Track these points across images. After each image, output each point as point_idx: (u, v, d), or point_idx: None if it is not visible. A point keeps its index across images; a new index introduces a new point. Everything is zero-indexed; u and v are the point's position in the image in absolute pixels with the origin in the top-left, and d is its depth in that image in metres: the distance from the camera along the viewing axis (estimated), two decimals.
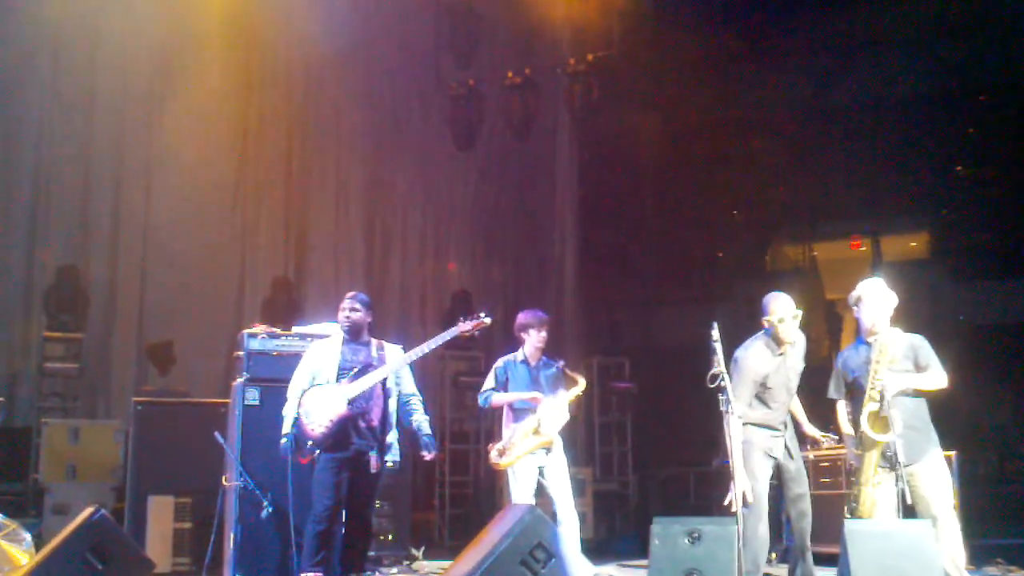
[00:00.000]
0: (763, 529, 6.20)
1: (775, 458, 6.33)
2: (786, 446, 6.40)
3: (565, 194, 14.40)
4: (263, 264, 12.09)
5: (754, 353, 6.42)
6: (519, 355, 7.43)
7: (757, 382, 6.37)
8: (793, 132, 12.93)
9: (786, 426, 6.48)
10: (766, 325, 6.43)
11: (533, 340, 7.38)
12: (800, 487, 6.37)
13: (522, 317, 7.50)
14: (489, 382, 7.40)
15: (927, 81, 12.15)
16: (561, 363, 7.47)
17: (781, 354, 6.42)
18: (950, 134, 12.16)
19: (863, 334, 6.19)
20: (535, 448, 7.18)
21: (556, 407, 7.26)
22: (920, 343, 6.10)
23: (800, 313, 6.41)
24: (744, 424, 6.15)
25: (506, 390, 7.34)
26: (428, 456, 6.57)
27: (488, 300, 12.68)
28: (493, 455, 7.27)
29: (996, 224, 11.75)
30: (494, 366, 7.48)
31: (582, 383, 7.41)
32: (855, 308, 6.20)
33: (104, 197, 11.24)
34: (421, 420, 6.60)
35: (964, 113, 12.24)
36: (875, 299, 6.11)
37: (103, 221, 11.19)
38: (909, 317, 6.25)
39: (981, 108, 12.20)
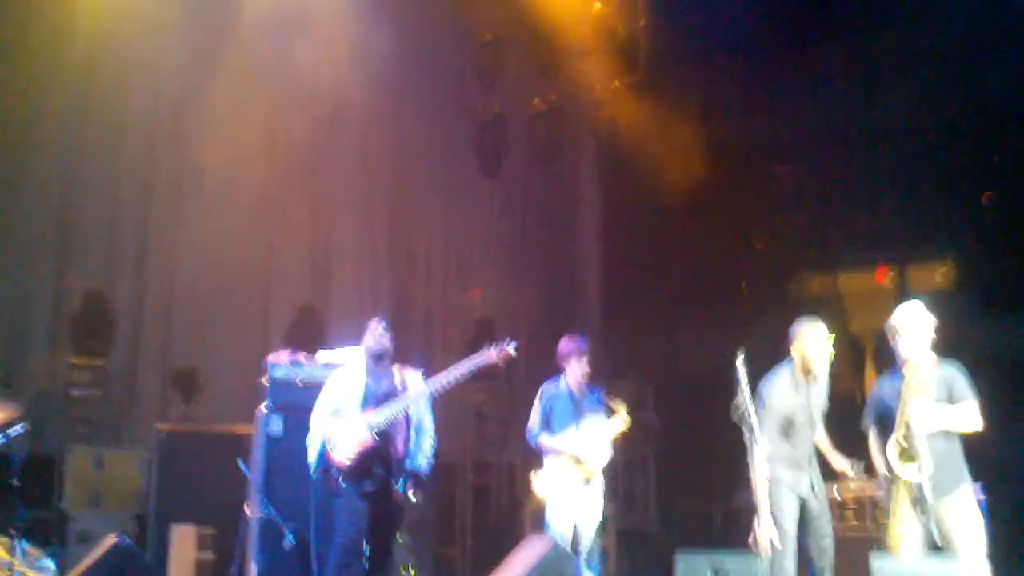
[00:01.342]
0: (790, 566, 6.13)
1: (800, 493, 6.27)
2: (811, 482, 6.34)
3: (589, 221, 14.38)
4: (287, 291, 12.12)
5: (778, 387, 6.36)
6: (561, 384, 7.42)
7: (781, 416, 6.31)
8: (817, 160, 12.86)
9: (811, 462, 6.41)
10: (793, 354, 6.36)
11: (575, 370, 7.37)
12: (823, 526, 6.29)
13: (563, 345, 7.48)
14: (535, 417, 7.40)
15: (953, 109, 12.04)
16: (602, 391, 7.45)
17: (805, 388, 6.36)
18: (977, 163, 12.04)
19: (898, 363, 6.10)
20: (576, 479, 7.17)
21: (599, 437, 7.24)
22: (955, 374, 5.97)
23: (832, 349, 6.33)
24: (770, 459, 6.09)
25: (550, 422, 7.32)
26: (409, 495, 6.44)
27: (512, 327, 12.64)
28: (535, 484, 7.26)
29: None
30: (538, 397, 7.46)
31: (623, 414, 7.38)
32: (891, 338, 6.11)
33: (130, 224, 11.32)
34: (418, 452, 6.54)
35: (990, 140, 12.13)
36: (912, 328, 6.00)
37: (129, 248, 11.26)
38: (935, 349, 6.15)
39: (1008, 137, 12.08)
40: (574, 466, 7.22)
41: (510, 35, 13.36)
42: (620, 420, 7.38)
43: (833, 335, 6.39)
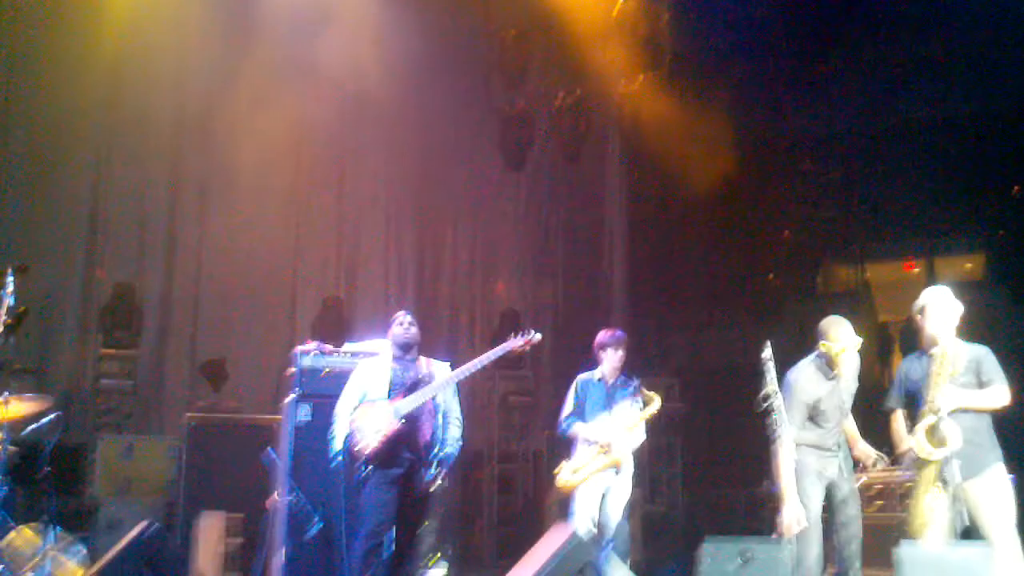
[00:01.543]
0: (815, 552, 6.13)
1: (828, 478, 6.26)
2: (840, 467, 6.33)
3: (614, 214, 14.38)
4: (314, 283, 12.21)
5: (805, 376, 6.36)
6: (596, 374, 7.51)
7: (809, 404, 6.30)
8: (844, 153, 12.84)
9: (839, 447, 6.40)
10: (821, 349, 6.35)
11: (610, 359, 7.45)
12: (851, 510, 6.28)
13: (600, 336, 7.58)
14: (568, 405, 7.48)
15: (980, 101, 12.00)
16: (637, 382, 7.51)
17: (834, 377, 6.35)
18: (1005, 154, 11.98)
19: (925, 344, 6.08)
20: (605, 468, 7.22)
21: (628, 427, 7.30)
22: (984, 356, 5.95)
23: (860, 341, 6.34)
24: (797, 446, 6.11)
25: (583, 411, 7.38)
26: (430, 483, 6.48)
27: (537, 320, 12.69)
28: (563, 474, 7.30)
29: None
30: (573, 385, 7.54)
31: (657, 402, 7.45)
32: (919, 317, 6.09)
33: (159, 217, 11.45)
34: (449, 440, 6.59)
35: (1018, 133, 12.06)
36: (940, 309, 5.99)
37: (158, 240, 11.39)
38: (963, 335, 6.13)
39: None
40: (603, 455, 7.26)
41: (534, 31, 13.36)
42: (653, 406, 7.44)
43: (861, 338, 6.38)
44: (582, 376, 7.57)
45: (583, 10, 12.74)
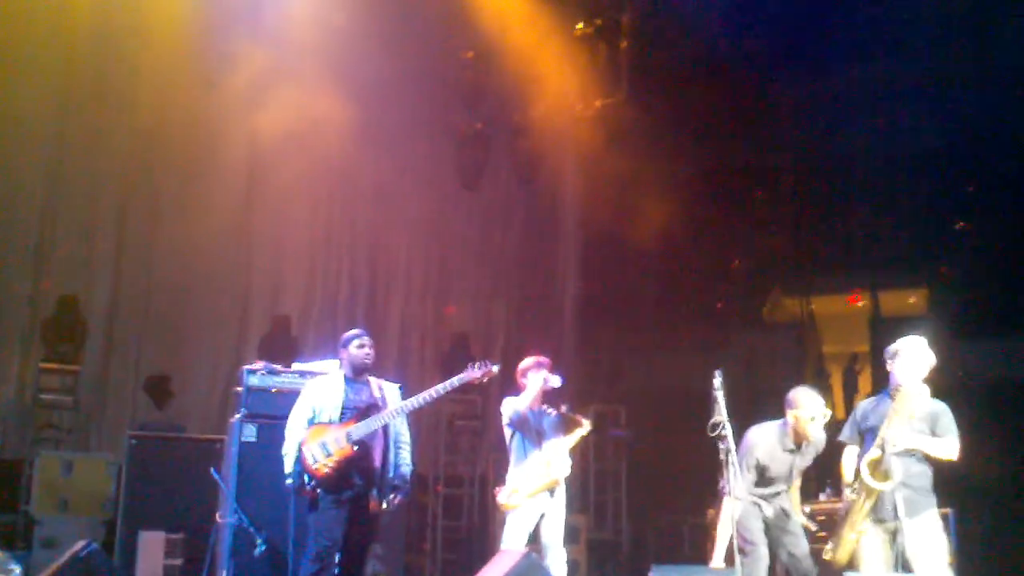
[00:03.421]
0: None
1: (765, 516, 6.31)
2: (780, 509, 6.39)
3: (567, 239, 14.44)
4: (264, 301, 12.10)
5: (766, 441, 6.42)
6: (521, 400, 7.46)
7: (760, 467, 6.37)
8: (793, 185, 13.01)
9: (779, 495, 6.47)
10: (790, 420, 6.41)
11: (533, 385, 7.40)
12: (798, 547, 6.32)
13: (525, 363, 7.53)
14: (508, 412, 7.38)
15: (926, 136, 12.22)
16: (563, 407, 7.48)
17: (793, 450, 6.42)
18: (949, 189, 12.23)
19: (890, 388, 6.17)
20: (542, 489, 7.18)
21: (561, 450, 7.29)
22: (942, 411, 6.06)
23: (828, 413, 6.41)
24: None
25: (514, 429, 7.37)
26: (389, 503, 6.47)
27: (488, 342, 12.70)
28: (501, 496, 7.25)
29: (996, 280, 11.79)
30: (504, 404, 7.49)
31: (586, 425, 7.44)
32: (890, 361, 6.18)
33: (108, 230, 11.29)
34: (401, 463, 6.58)
35: (963, 168, 12.32)
36: (912, 357, 6.09)
37: (106, 254, 11.22)
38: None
39: (980, 163, 12.27)
40: (540, 476, 7.23)
41: (491, 52, 13.39)
42: (582, 429, 7.42)
43: (830, 410, 6.47)
44: (510, 398, 7.53)
45: (541, 33, 12.81)
